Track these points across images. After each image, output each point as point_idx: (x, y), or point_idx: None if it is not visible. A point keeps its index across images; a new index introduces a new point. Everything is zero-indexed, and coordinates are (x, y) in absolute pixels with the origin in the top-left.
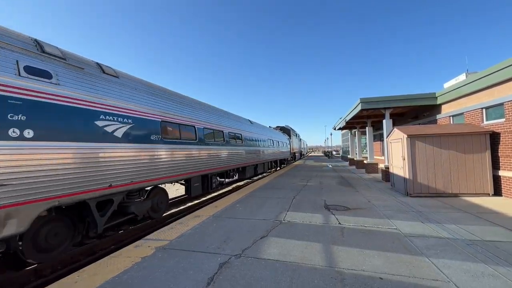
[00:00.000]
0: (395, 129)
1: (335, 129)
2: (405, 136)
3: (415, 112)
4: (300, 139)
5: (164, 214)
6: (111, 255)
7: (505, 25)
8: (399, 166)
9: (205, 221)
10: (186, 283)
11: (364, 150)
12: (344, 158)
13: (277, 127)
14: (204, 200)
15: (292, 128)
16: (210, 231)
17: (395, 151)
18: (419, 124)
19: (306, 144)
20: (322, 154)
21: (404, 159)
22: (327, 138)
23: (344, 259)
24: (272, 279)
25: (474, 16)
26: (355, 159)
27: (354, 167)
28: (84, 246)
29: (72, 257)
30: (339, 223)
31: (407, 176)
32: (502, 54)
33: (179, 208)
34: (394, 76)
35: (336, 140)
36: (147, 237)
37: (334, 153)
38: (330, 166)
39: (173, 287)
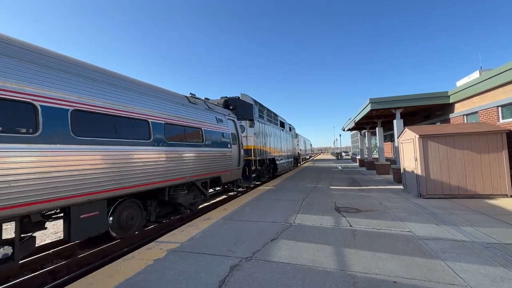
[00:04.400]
0: (406, 129)
1: (344, 130)
2: (417, 136)
3: (427, 112)
4: (297, 134)
5: (176, 217)
6: (125, 257)
7: None
8: (411, 167)
9: (215, 223)
10: (198, 285)
11: (375, 151)
12: (354, 159)
13: (222, 98)
14: (213, 203)
15: (264, 105)
16: (220, 234)
17: (406, 151)
18: (431, 123)
19: (311, 145)
20: (333, 157)
21: (417, 160)
22: (336, 139)
23: (357, 262)
24: (284, 282)
25: (485, 15)
26: (365, 160)
27: (364, 168)
28: (98, 249)
29: (87, 259)
30: (350, 226)
31: (419, 177)
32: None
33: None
34: (402, 76)
35: (346, 141)
36: (159, 239)
37: (343, 154)
38: (340, 167)
39: None
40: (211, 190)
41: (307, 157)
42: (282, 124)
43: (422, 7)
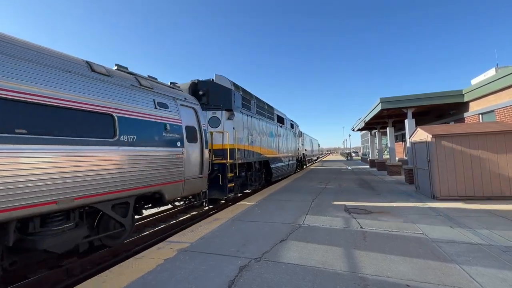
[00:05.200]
0: (418, 129)
1: (353, 130)
2: (430, 136)
3: (440, 111)
4: (301, 132)
5: (185, 217)
6: (136, 256)
7: None
8: (424, 168)
9: (224, 224)
10: (208, 285)
11: (386, 151)
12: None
13: (192, 81)
14: (222, 203)
15: (254, 94)
16: (229, 234)
17: (419, 152)
18: (445, 123)
19: (319, 145)
20: (343, 158)
21: (429, 161)
22: (346, 140)
23: (367, 264)
24: (293, 284)
25: (484, 15)
26: (375, 160)
27: (375, 169)
28: (110, 248)
29: (100, 257)
30: (361, 227)
31: (433, 178)
32: None
33: (197, 212)
34: (402, 76)
35: (356, 141)
36: (169, 239)
37: (353, 154)
38: (350, 168)
39: None
40: (168, 207)
41: (315, 158)
42: (281, 120)
43: (421, 6)
